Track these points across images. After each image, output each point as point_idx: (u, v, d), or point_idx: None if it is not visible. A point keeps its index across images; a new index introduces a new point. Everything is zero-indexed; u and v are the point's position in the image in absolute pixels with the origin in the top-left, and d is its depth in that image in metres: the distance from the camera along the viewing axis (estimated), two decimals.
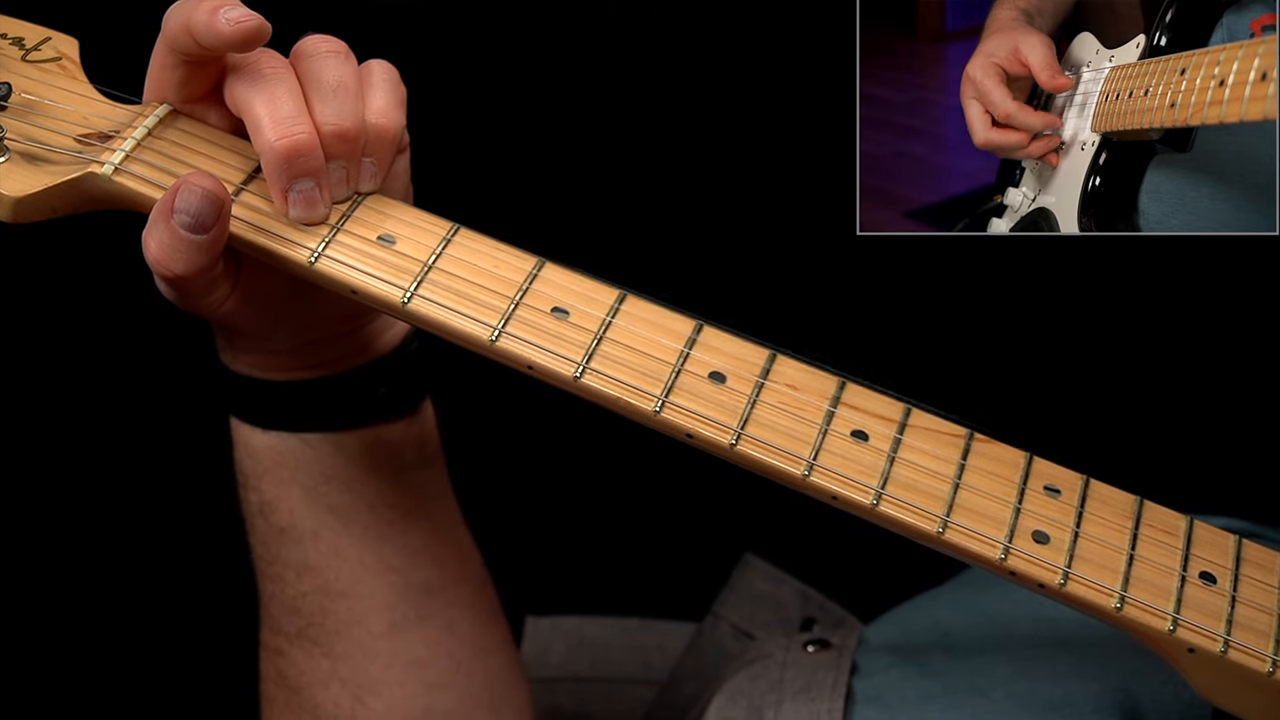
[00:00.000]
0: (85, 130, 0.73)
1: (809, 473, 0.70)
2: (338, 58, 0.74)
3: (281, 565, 0.86)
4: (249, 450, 0.84)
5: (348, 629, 0.85)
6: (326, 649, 0.86)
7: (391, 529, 0.85)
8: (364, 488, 0.84)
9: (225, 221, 0.71)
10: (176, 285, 0.72)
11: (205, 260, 0.71)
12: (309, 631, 0.86)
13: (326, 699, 0.86)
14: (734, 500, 1.14)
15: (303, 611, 0.86)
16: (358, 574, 0.85)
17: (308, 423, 0.83)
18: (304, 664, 0.86)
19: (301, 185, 0.72)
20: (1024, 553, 0.69)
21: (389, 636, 0.86)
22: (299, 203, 0.72)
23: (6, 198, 0.70)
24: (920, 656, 0.85)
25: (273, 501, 0.84)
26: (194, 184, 0.69)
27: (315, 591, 0.85)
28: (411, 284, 0.71)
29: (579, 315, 0.72)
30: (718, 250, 1.22)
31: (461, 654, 0.88)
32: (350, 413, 0.83)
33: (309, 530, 0.84)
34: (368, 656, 0.86)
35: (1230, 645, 0.68)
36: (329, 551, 0.85)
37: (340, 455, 0.83)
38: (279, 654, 0.88)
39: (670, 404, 0.70)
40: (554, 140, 1.21)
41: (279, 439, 0.83)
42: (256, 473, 0.84)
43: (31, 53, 0.75)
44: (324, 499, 0.84)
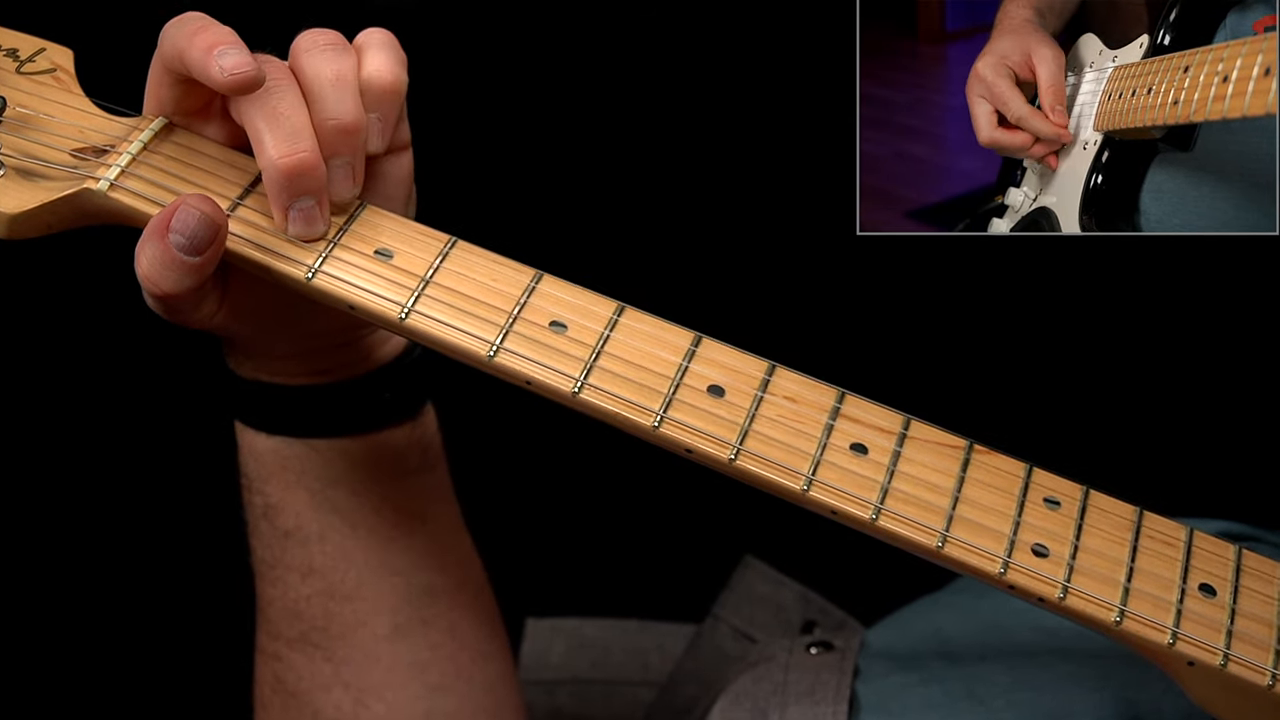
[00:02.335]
0: (80, 144, 0.73)
1: (808, 487, 0.69)
2: (335, 50, 0.73)
3: (285, 569, 0.85)
4: (254, 454, 0.84)
5: (351, 632, 0.85)
6: (329, 653, 0.86)
7: (396, 532, 0.85)
8: (369, 491, 0.84)
9: (220, 245, 0.70)
10: (163, 301, 0.72)
11: (194, 282, 0.71)
12: (311, 635, 0.86)
13: (327, 703, 0.86)
14: (733, 502, 1.14)
15: (305, 615, 0.86)
16: (363, 576, 0.85)
17: (314, 428, 0.82)
18: (304, 668, 0.87)
19: (303, 203, 0.71)
20: (1023, 567, 0.69)
21: (392, 639, 0.86)
22: (299, 220, 0.72)
23: (2, 215, 0.70)
24: (920, 663, 0.85)
25: (278, 505, 0.84)
26: (192, 206, 0.69)
27: (319, 594, 0.85)
28: (409, 299, 0.71)
29: (577, 329, 0.71)
30: (718, 250, 1.21)
31: (463, 658, 0.88)
32: (356, 418, 0.83)
33: (315, 533, 0.84)
34: (370, 660, 0.86)
35: (1230, 659, 0.68)
36: (335, 554, 0.85)
37: (345, 460, 0.83)
38: (277, 659, 0.88)
39: (669, 419, 0.70)
40: (553, 138, 1.21)
41: (284, 443, 0.83)
42: (262, 476, 0.84)
43: (26, 64, 0.75)
44: (330, 502, 0.84)
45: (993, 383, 1.18)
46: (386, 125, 0.74)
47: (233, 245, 0.71)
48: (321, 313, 0.76)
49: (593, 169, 1.21)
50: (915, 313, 1.21)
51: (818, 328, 0.74)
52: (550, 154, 1.21)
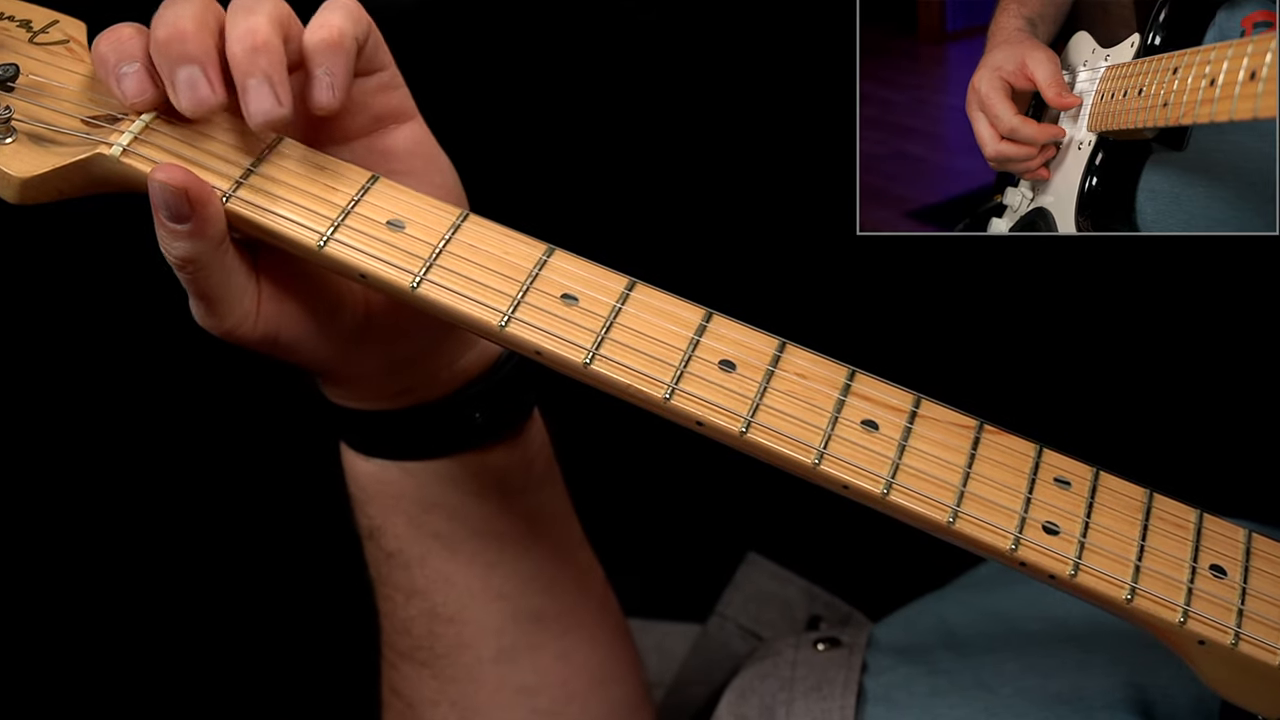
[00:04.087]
0: (93, 112, 0.72)
1: (819, 461, 0.69)
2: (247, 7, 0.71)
3: (391, 588, 0.85)
4: (354, 477, 0.84)
5: (455, 653, 0.85)
6: (435, 671, 0.85)
7: (501, 555, 0.84)
8: (469, 514, 0.83)
9: (207, 206, 0.69)
10: (192, 286, 0.71)
11: (198, 248, 0.69)
12: (418, 653, 0.86)
13: (436, 717, 0.86)
14: (733, 500, 1.14)
15: (412, 633, 0.85)
16: (464, 600, 0.84)
17: (404, 451, 0.82)
18: (414, 681, 0.86)
19: (183, 71, 0.69)
20: (1035, 543, 0.69)
21: (497, 662, 0.85)
22: (184, 89, 0.69)
23: (14, 178, 0.70)
24: (927, 655, 0.85)
25: (380, 527, 0.84)
26: (155, 179, 0.68)
27: (423, 615, 0.85)
28: (421, 269, 0.71)
29: (588, 301, 0.71)
30: (718, 250, 1.21)
31: (576, 684, 0.87)
32: (446, 440, 0.82)
33: (415, 556, 0.83)
34: (474, 682, 0.85)
35: (1240, 638, 0.68)
36: (436, 577, 0.84)
37: (441, 482, 0.82)
38: (393, 667, 0.87)
39: (680, 391, 0.70)
40: (552, 142, 1.21)
41: (380, 467, 0.82)
42: (363, 499, 0.84)
43: (39, 35, 0.75)
44: (428, 526, 0.83)
45: (992, 382, 1.18)
46: (336, 79, 0.71)
47: (245, 212, 0.71)
48: (393, 323, 0.76)
49: (592, 169, 1.21)
50: (915, 313, 1.21)
51: (817, 327, 0.74)
52: (549, 154, 1.21)
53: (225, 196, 0.71)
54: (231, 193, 0.71)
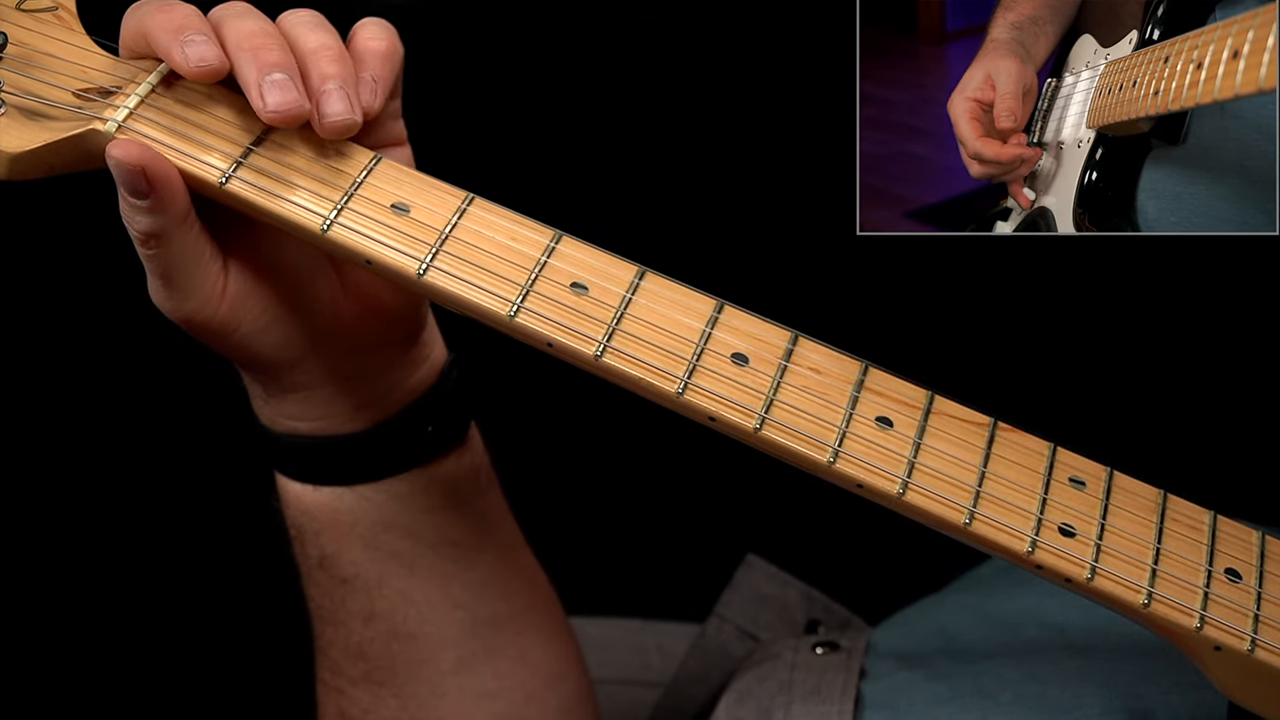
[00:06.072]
0: (85, 85, 0.70)
1: (834, 460, 0.67)
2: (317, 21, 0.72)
3: (346, 614, 0.83)
4: (301, 508, 0.81)
5: (416, 669, 0.83)
6: (395, 689, 0.83)
7: (456, 566, 0.83)
8: (425, 529, 0.81)
9: (165, 184, 0.67)
10: (153, 263, 0.69)
11: (160, 223, 0.68)
12: (375, 674, 0.84)
13: None
14: (734, 501, 1.13)
15: (369, 655, 0.83)
16: (424, 615, 0.82)
17: (362, 474, 0.80)
18: (369, 703, 0.84)
19: (273, 76, 0.68)
20: (1051, 546, 0.67)
21: (457, 672, 0.83)
22: (273, 90, 0.68)
23: (4, 153, 0.67)
24: (925, 661, 0.84)
25: (333, 555, 0.81)
26: (111, 154, 0.66)
27: (381, 636, 0.83)
28: (427, 255, 0.68)
29: (598, 291, 0.69)
30: (718, 250, 1.21)
31: (534, 683, 0.86)
32: (402, 457, 0.80)
33: (374, 579, 0.82)
34: (436, 694, 0.83)
35: (1257, 644, 0.67)
36: (395, 597, 0.82)
37: (397, 501, 0.80)
38: (340, 693, 0.85)
39: (693, 385, 0.68)
40: (552, 142, 1.20)
41: (333, 494, 0.80)
42: (314, 529, 0.81)
43: (26, 1, 0.72)
44: (386, 547, 0.81)
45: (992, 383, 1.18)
46: (380, 85, 0.72)
47: (246, 194, 0.69)
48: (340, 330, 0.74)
49: (592, 169, 1.21)
50: (915, 313, 1.21)
51: (817, 328, 0.73)
52: (549, 154, 1.21)
53: (224, 177, 0.68)
54: (231, 173, 0.69)
